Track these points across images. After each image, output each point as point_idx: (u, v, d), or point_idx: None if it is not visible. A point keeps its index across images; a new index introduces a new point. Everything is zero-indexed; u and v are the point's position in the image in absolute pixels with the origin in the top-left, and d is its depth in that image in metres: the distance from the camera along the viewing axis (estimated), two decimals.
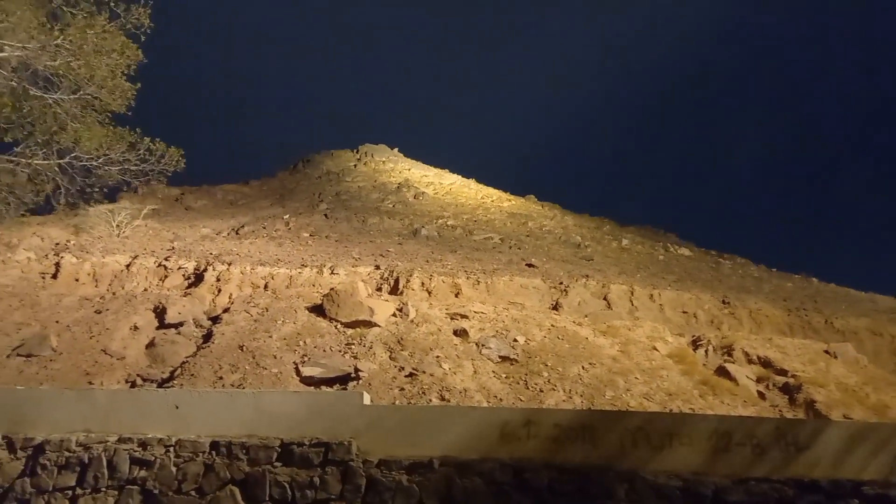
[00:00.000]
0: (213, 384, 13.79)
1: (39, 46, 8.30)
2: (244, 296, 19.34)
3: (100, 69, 9.02)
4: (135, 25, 9.40)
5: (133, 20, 9.35)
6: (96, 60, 8.93)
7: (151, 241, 24.76)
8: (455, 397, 13.77)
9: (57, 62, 8.62)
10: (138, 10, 9.38)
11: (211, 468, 9.61)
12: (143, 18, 9.40)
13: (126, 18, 9.32)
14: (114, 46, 9.09)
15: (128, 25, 9.36)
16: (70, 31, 8.64)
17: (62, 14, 8.83)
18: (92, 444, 9.85)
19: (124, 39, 9.29)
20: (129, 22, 9.35)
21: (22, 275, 19.12)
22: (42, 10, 8.58)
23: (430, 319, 17.36)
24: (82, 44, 8.66)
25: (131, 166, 9.78)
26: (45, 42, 8.38)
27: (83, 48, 8.66)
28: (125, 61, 9.33)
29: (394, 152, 48.61)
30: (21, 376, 14.03)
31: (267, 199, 37.56)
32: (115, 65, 9.19)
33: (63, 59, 8.62)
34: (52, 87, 9.07)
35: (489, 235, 30.39)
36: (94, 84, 9.09)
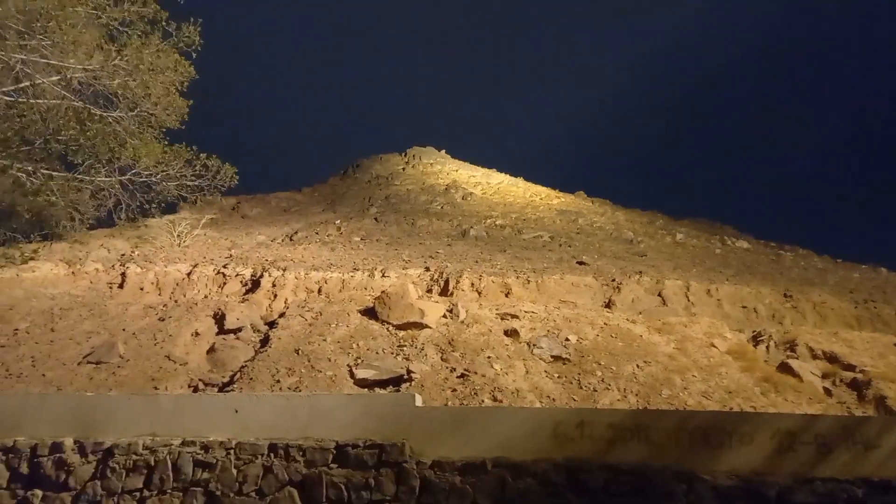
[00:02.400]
0: (271, 387, 14.15)
1: (99, 67, 8.75)
2: (299, 300, 19.78)
3: (155, 87, 9.43)
4: (186, 43, 9.77)
5: (184, 38, 9.72)
6: (151, 78, 9.33)
7: (210, 249, 25.62)
8: (507, 398, 13.72)
9: (115, 82, 9.06)
10: (188, 28, 9.74)
11: (270, 470, 9.87)
12: (193, 36, 9.77)
13: (177, 36, 9.69)
14: (167, 64, 9.48)
15: (179, 43, 9.74)
16: (126, 51, 9.06)
17: (119, 35, 9.27)
18: (157, 447, 10.25)
19: (177, 57, 9.68)
20: (181, 40, 9.73)
21: (91, 285, 20.09)
22: (100, 31, 9.03)
23: (480, 320, 17.36)
24: (138, 63, 9.08)
25: (188, 182, 10.18)
26: (104, 63, 8.82)
27: (139, 67, 9.07)
28: (178, 78, 9.72)
29: (441, 154, 48.82)
30: (91, 383, 14.73)
31: (319, 205, 38.33)
32: (170, 82, 9.58)
33: (121, 79, 9.06)
34: (112, 106, 9.52)
35: (538, 234, 30.16)
36: (151, 101, 9.50)
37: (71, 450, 10.30)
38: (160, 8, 9.37)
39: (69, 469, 10.17)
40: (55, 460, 10.25)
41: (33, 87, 8.49)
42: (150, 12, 9.29)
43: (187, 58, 9.76)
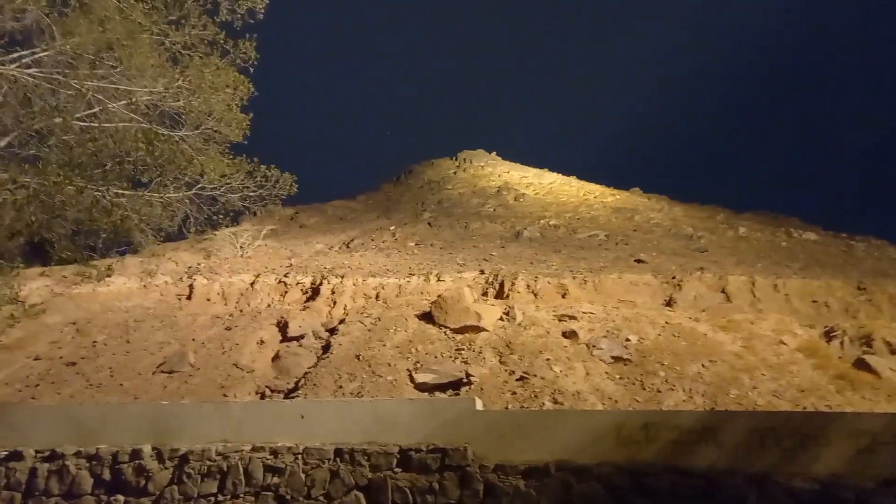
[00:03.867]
0: (334, 393, 14.46)
1: (164, 89, 9.21)
2: (357, 307, 20.13)
3: (217, 104, 9.86)
4: (243, 59, 10.17)
5: (241, 55, 10.12)
6: (213, 96, 9.76)
7: (271, 259, 26.37)
8: (568, 400, 13.59)
9: (180, 102, 9.52)
10: (245, 45, 10.13)
11: (336, 474, 10.10)
12: (249, 52, 10.16)
13: (235, 54, 10.10)
14: (227, 82, 9.90)
15: (237, 60, 10.15)
16: (189, 72, 9.51)
17: (181, 57, 9.73)
18: (229, 453, 10.64)
19: (236, 74, 10.09)
20: (238, 57, 10.13)
21: (161, 297, 21.00)
22: (163, 55, 9.50)
23: (537, 322, 17.26)
24: (200, 83, 9.51)
25: (250, 192, 10.57)
26: (168, 85, 9.28)
27: (201, 86, 9.51)
28: (238, 94, 10.12)
29: (492, 156, 48.79)
30: (165, 391, 15.39)
31: (373, 211, 38.91)
32: (230, 99, 9.99)
33: (185, 99, 9.52)
34: (177, 125, 9.99)
35: (594, 233, 29.75)
36: (213, 118, 9.93)
37: (149, 456, 10.79)
38: (218, 30, 9.80)
39: (148, 475, 10.66)
40: (135, 467, 10.76)
41: (104, 112, 9.01)
42: (210, 34, 9.73)
43: (245, 73, 10.18)
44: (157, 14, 9.17)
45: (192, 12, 9.57)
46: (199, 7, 9.62)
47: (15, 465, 11.17)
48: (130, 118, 9.19)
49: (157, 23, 9.15)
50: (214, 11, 9.74)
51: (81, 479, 10.84)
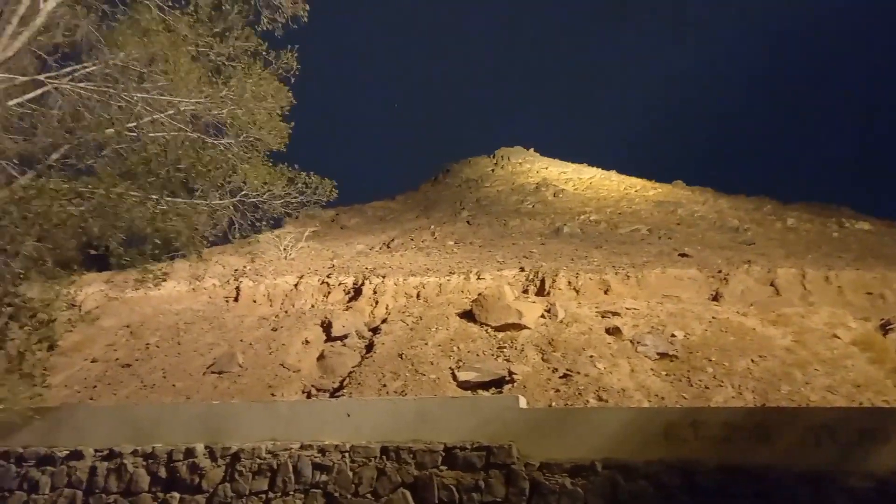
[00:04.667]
0: (378, 391, 14.63)
1: (209, 100, 9.50)
2: (399, 306, 20.29)
3: (259, 114, 10.12)
4: (285, 70, 10.42)
5: (283, 65, 10.37)
6: (255, 106, 10.03)
7: (314, 260, 26.82)
8: (613, 397, 13.45)
9: (224, 112, 9.81)
10: (286, 55, 10.38)
11: (383, 472, 10.23)
12: (291, 62, 10.41)
13: (277, 64, 10.35)
14: (269, 91, 10.16)
15: (279, 70, 10.40)
16: (232, 82, 9.80)
17: (224, 67, 10.03)
18: (278, 451, 10.88)
19: (277, 84, 10.35)
20: (280, 67, 10.38)
21: (209, 300, 21.57)
22: (207, 67, 9.81)
23: (579, 319, 17.12)
24: (242, 93, 9.79)
25: (291, 199, 10.81)
26: (213, 95, 9.58)
27: (244, 96, 9.78)
28: (279, 103, 10.37)
29: (530, 153, 48.50)
30: (215, 391, 15.82)
31: (412, 211, 39.15)
32: (272, 108, 10.25)
33: (228, 109, 9.80)
34: (221, 134, 10.30)
35: (636, 227, 29.31)
36: (255, 127, 10.20)
37: (202, 455, 11.13)
38: (260, 41, 10.07)
39: (202, 473, 11.00)
40: (189, 465, 11.11)
41: (152, 122, 9.36)
42: (252, 45, 10.00)
43: (286, 83, 10.42)
44: (201, 27, 9.47)
45: (235, 24, 9.86)
46: (242, 19, 9.90)
47: (76, 464, 11.66)
48: (178, 128, 9.50)
49: (201, 35, 9.45)
50: (257, 20, 10.01)
51: (139, 477, 11.25)
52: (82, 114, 9.03)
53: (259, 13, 9.99)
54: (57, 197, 8.07)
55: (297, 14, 10.17)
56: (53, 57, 9.54)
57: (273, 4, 9.99)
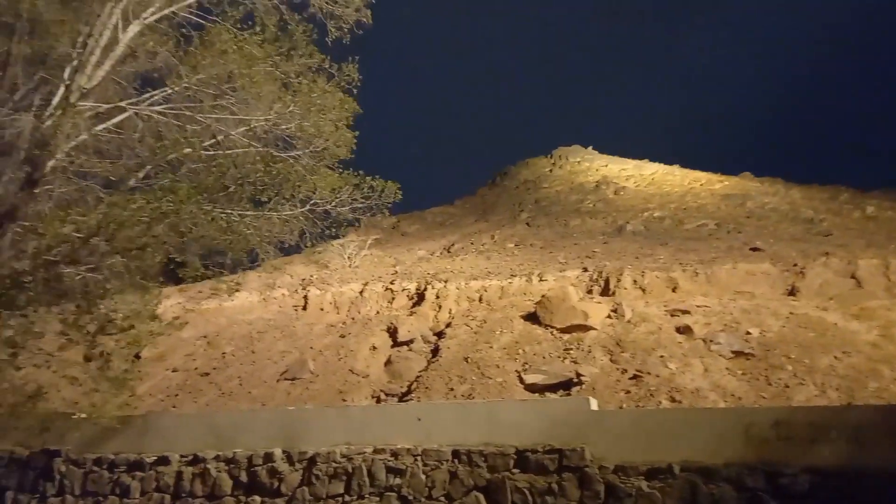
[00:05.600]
0: (445, 395, 14.74)
1: (277, 115, 9.92)
2: (462, 310, 20.39)
3: (325, 125, 10.47)
4: (347, 82, 10.76)
5: (345, 77, 10.72)
6: (321, 118, 10.38)
7: (377, 267, 27.27)
8: (686, 398, 13.11)
9: (291, 125, 10.21)
10: (349, 67, 10.72)
11: (455, 475, 10.31)
12: (353, 74, 10.75)
13: (340, 77, 10.70)
14: (333, 103, 10.51)
15: (342, 82, 10.74)
16: (298, 96, 10.18)
17: (291, 83, 10.44)
18: (353, 455, 11.13)
19: (341, 95, 10.69)
20: (343, 79, 10.73)
21: (279, 309, 22.26)
22: (275, 83, 10.23)
23: (648, 318, 16.77)
24: (309, 106, 10.15)
25: (358, 205, 11.11)
26: (281, 110, 9.99)
27: (310, 109, 10.15)
28: (344, 114, 10.70)
29: (588, 151, 47.80)
30: (289, 398, 16.31)
31: (471, 215, 39.26)
32: (337, 119, 10.59)
33: (296, 122, 10.19)
34: (290, 147, 10.71)
35: (703, 222, 28.45)
36: (322, 138, 10.56)
37: (280, 459, 11.50)
38: (324, 56, 10.46)
39: (280, 477, 11.36)
40: (268, 469, 11.50)
41: (226, 139, 9.83)
42: (316, 61, 10.40)
43: (350, 93, 10.77)
44: (269, 46, 9.89)
45: (300, 43, 10.27)
46: (306, 38, 10.31)
47: (163, 469, 12.25)
48: (248, 143, 9.94)
49: (270, 55, 9.87)
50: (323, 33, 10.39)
51: (222, 481, 11.72)
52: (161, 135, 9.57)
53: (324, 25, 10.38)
54: (140, 215, 8.58)
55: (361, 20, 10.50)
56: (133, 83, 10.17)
57: (336, 14, 10.35)
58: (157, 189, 9.15)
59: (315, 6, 10.41)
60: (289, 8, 10.24)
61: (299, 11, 10.33)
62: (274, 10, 10.14)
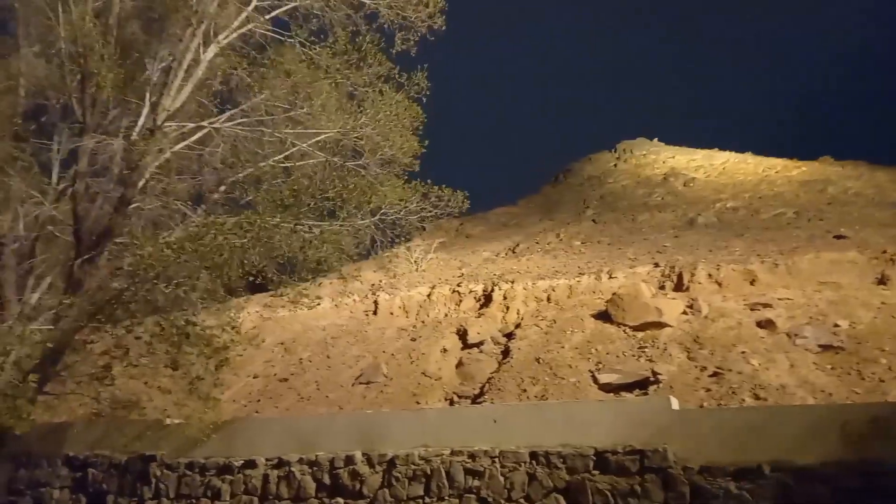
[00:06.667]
0: (518, 396, 14.70)
1: (347, 126, 10.18)
2: (531, 310, 20.27)
3: (393, 135, 10.66)
4: (416, 91, 10.93)
5: (414, 86, 10.89)
6: (389, 128, 10.57)
7: (443, 270, 27.46)
8: (771, 395, 12.60)
9: (361, 136, 10.46)
10: (417, 76, 10.89)
11: (534, 477, 10.28)
12: (421, 82, 10.91)
13: (408, 86, 10.89)
14: (402, 112, 10.68)
15: (411, 92, 10.93)
16: (367, 107, 10.42)
17: (360, 94, 10.70)
18: (430, 457, 11.26)
19: (409, 105, 10.86)
20: (412, 88, 10.91)
21: (351, 315, 22.75)
22: (344, 94, 10.51)
23: (726, 313, 16.23)
24: (377, 116, 10.36)
25: (426, 213, 11.25)
26: (350, 121, 10.25)
27: (379, 120, 10.36)
28: (412, 123, 10.87)
29: (654, 143, 46.55)
30: (365, 401, 16.65)
31: (535, 214, 38.93)
32: (405, 127, 10.76)
33: (365, 132, 10.42)
34: (358, 157, 10.97)
35: (780, 211, 27.23)
36: (390, 148, 10.76)
37: (361, 462, 11.76)
38: (392, 65, 10.67)
39: (362, 479, 11.62)
40: (350, 471, 11.78)
41: (298, 152, 10.17)
42: (384, 70, 10.61)
43: (418, 102, 10.94)
44: (338, 58, 10.18)
45: (369, 53, 10.50)
46: (374, 47, 10.53)
47: (250, 473, 12.74)
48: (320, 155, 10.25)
49: (339, 67, 10.15)
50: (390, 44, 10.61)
51: (306, 483, 12.10)
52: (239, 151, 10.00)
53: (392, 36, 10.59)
54: (223, 231, 8.99)
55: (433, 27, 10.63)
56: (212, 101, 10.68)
57: (406, 25, 10.54)
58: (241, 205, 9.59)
59: (385, 17, 10.62)
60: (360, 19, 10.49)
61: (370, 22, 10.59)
62: (346, 21, 10.40)
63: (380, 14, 10.61)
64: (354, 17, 10.77)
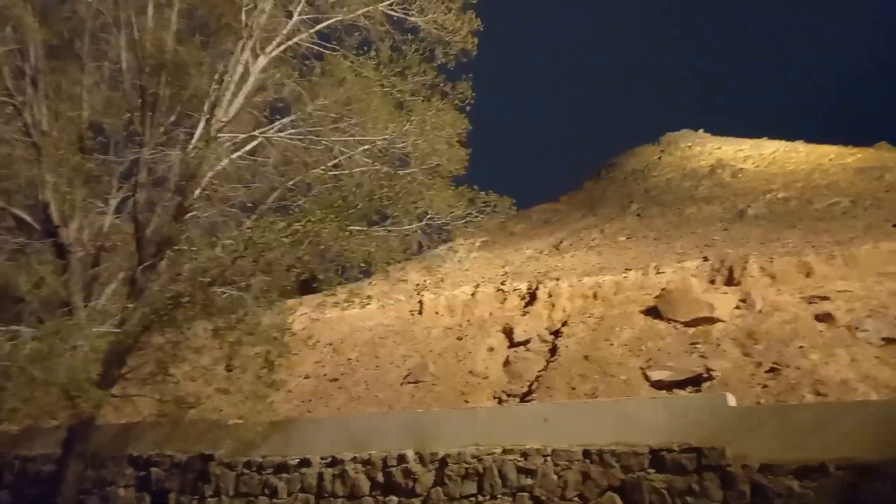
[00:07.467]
0: (567, 395, 14.63)
1: (394, 135, 10.38)
2: (577, 308, 20.11)
3: (439, 143, 10.84)
4: (461, 100, 11.10)
5: (458, 95, 11.05)
6: (435, 136, 10.74)
7: (486, 269, 27.48)
8: (833, 391, 12.24)
9: (407, 144, 10.65)
10: (462, 86, 11.06)
11: (588, 475, 10.23)
12: (466, 92, 11.08)
13: (453, 94, 11.05)
14: (447, 121, 10.85)
15: (455, 101, 11.09)
16: (413, 115, 10.61)
17: (406, 102, 10.88)
18: (482, 455, 11.33)
19: (455, 113, 11.04)
20: (456, 97, 11.07)
21: (397, 315, 22.98)
22: (391, 103, 10.71)
23: (781, 307, 15.81)
24: (423, 124, 10.54)
25: (472, 218, 11.39)
26: (397, 129, 10.44)
27: (425, 128, 10.53)
28: (457, 131, 11.02)
29: (699, 134, 45.50)
30: (413, 400, 16.82)
31: (578, 211, 38.58)
32: (450, 136, 10.92)
33: (412, 140, 10.61)
34: (406, 165, 11.17)
35: (835, 200, 26.34)
36: (437, 156, 10.92)
37: (413, 460, 11.91)
38: (437, 73, 10.85)
39: (414, 477, 11.77)
40: (402, 470, 11.94)
41: (347, 160, 10.43)
42: (429, 79, 10.81)
43: (462, 111, 11.10)
44: (384, 68, 10.40)
45: (414, 62, 10.71)
46: (419, 56, 10.73)
47: (306, 471, 13.04)
48: (369, 163, 10.47)
49: (386, 77, 10.37)
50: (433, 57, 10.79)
51: (360, 482, 12.31)
52: (290, 159, 10.29)
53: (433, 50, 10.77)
54: (276, 235, 9.27)
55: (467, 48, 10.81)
56: (263, 112, 11.03)
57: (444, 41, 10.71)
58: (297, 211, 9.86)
59: (425, 31, 10.86)
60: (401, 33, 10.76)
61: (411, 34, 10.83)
62: (386, 34, 10.65)
63: (420, 29, 10.87)
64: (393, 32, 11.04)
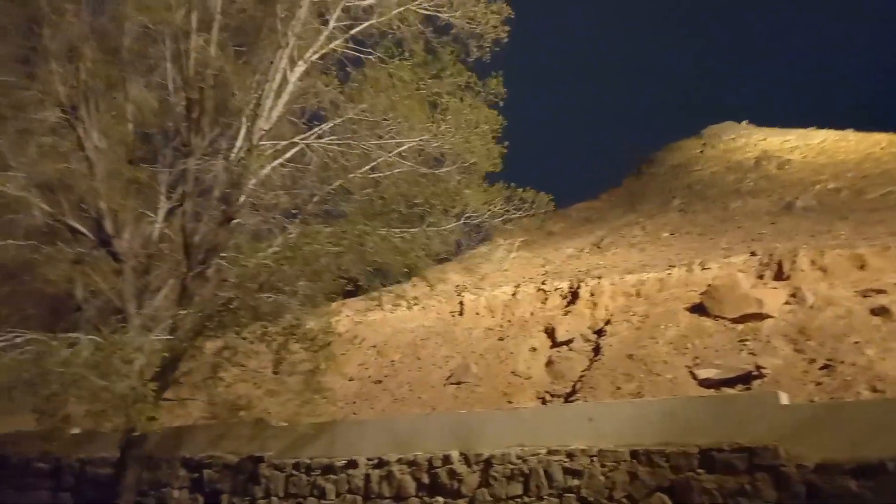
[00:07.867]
0: (612, 394, 14.46)
1: (430, 135, 10.47)
2: (620, 306, 19.84)
3: (473, 141, 10.87)
4: (493, 97, 11.13)
5: (491, 92, 11.08)
6: (471, 134, 10.78)
7: (526, 268, 27.36)
8: (891, 387, 11.81)
9: (442, 143, 10.72)
10: (494, 83, 11.08)
11: (635, 476, 10.10)
12: (498, 88, 11.08)
13: (486, 92, 11.08)
14: (480, 118, 10.89)
15: (488, 97, 11.12)
16: (447, 115, 10.67)
17: (440, 102, 10.96)
18: (527, 456, 11.28)
19: (488, 111, 11.07)
20: (489, 94, 11.10)
21: (438, 316, 23.07)
22: (425, 104, 10.80)
23: (833, 301, 15.31)
24: (458, 123, 10.60)
25: (510, 216, 11.39)
26: (432, 130, 10.53)
27: (459, 127, 10.59)
28: (491, 128, 11.04)
29: (743, 126, 44.31)
30: (457, 401, 16.87)
31: (618, 208, 38.08)
32: (484, 133, 10.95)
33: (447, 139, 10.67)
34: (441, 164, 11.23)
35: (888, 190, 25.37)
36: (471, 153, 10.95)
37: (458, 461, 11.94)
38: (470, 73, 10.91)
39: (460, 478, 11.79)
40: (447, 471, 11.99)
41: (384, 163, 10.55)
42: (463, 80, 10.88)
43: (496, 108, 11.13)
44: (419, 70, 10.52)
45: (447, 64, 10.80)
46: (453, 57, 10.82)
47: (353, 472, 13.20)
48: (405, 164, 10.58)
49: (421, 78, 10.48)
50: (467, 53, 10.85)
51: (406, 483, 12.40)
52: (330, 165, 10.49)
53: (467, 45, 10.81)
54: (319, 240, 9.45)
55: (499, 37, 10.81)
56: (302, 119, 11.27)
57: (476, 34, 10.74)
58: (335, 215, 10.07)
59: (457, 28, 10.91)
60: (434, 32, 10.84)
61: (444, 34, 10.91)
62: (420, 35, 10.75)
63: (453, 26, 10.93)
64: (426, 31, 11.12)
